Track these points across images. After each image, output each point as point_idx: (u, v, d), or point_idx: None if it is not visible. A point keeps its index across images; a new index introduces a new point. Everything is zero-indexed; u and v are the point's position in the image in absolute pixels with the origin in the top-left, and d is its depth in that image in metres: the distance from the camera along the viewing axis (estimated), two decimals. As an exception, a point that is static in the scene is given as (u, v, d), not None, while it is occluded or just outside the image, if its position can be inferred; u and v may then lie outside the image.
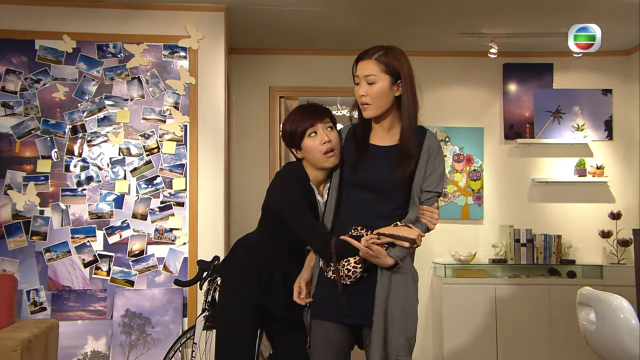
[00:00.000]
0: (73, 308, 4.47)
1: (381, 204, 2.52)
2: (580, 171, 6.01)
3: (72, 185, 4.57)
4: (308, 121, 2.62)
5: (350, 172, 2.57)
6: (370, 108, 2.53)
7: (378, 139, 2.60)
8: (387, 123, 2.58)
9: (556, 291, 5.65)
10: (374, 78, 2.51)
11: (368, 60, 2.54)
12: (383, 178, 2.52)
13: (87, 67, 4.64)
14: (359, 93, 2.53)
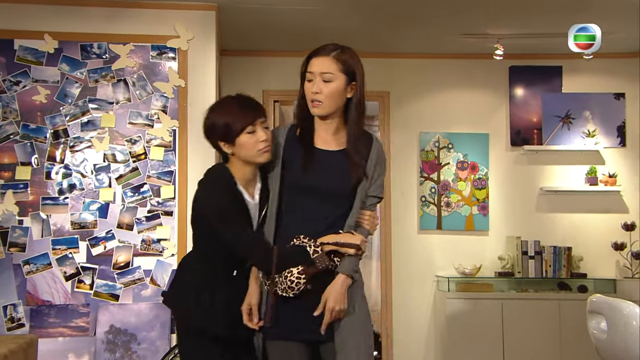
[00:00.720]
0: (53, 324, 4.43)
1: (331, 211, 2.55)
2: (592, 180, 6.00)
3: (54, 194, 4.53)
4: (248, 117, 2.59)
5: (297, 175, 2.56)
6: (322, 106, 2.53)
7: (322, 143, 2.60)
8: (334, 125, 2.60)
9: (567, 307, 5.62)
10: (331, 76, 2.52)
11: (326, 57, 2.54)
12: (336, 184, 2.54)
13: (69, 69, 4.62)
14: (312, 90, 2.51)
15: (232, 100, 2.68)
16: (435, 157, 6.12)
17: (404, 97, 6.17)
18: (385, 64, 6.12)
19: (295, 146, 2.60)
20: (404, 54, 6.13)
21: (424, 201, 6.08)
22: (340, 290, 2.49)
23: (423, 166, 6.11)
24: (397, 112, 6.15)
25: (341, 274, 2.50)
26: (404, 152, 6.14)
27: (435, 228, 6.09)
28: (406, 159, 6.12)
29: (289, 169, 2.58)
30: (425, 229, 6.08)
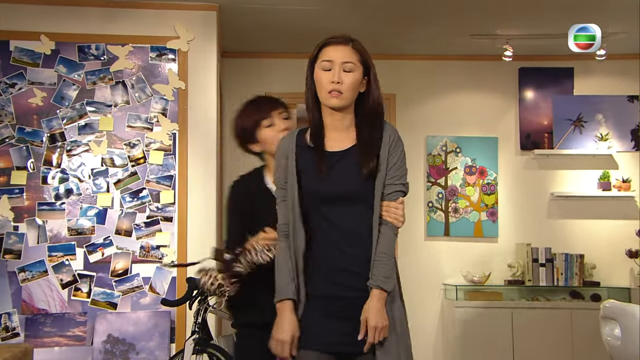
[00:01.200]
0: (49, 333, 4.42)
1: (360, 212, 2.44)
2: (605, 185, 5.99)
3: (50, 199, 4.54)
4: (263, 111, 2.65)
5: (315, 184, 2.44)
6: (342, 97, 2.41)
7: (333, 142, 2.48)
8: (347, 121, 2.48)
9: (579, 316, 5.61)
10: (352, 66, 2.43)
11: (346, 46, 2.45)
12: (353, 186, 2.43)
13: (66, 70, 4.63)
14: (333, 79, 2.39)
15: (247, 102, 2.77)
16: (443, 161, 6.11)
17: (410, 100, 6.17)
18: (391, 65, 6.12)
19: (306, 153, 2.48)
20: (410, 55, 6.14)
21: (431, 207, 6.07)
22: (377, 306, 2.36)
23: (430, 171, 6.11)
24: (403, 115, 6.15)
25: (373, 289, 2.38)
26: (410, 156, 6.00)
27: (443, 234, 6.08)
28: (412, 164, 6.09)
29: (305, 178, 2.46)
30: (433, 235, 6.08)
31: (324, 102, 2.45)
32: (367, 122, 2.47)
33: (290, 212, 2.46)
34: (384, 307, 2.38)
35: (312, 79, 2.47)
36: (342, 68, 2.41)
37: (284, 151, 2.50)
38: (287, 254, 2.45)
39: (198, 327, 3.53)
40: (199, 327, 3.53)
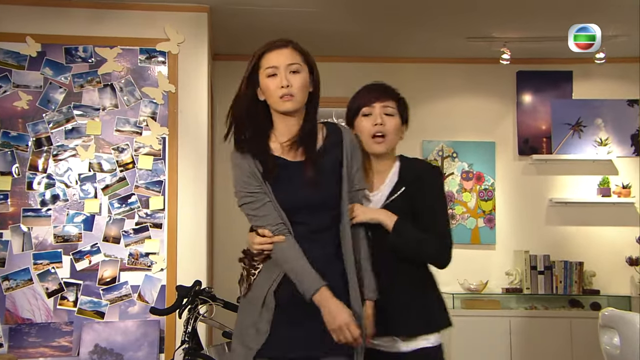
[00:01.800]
0: (34, 344, 4.39)
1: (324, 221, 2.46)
2: (604, 191, 6.00)
3: (36, 205, 4.51)
4: (366, 98, 2.63)
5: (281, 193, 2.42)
6: (295, 100, 2.42)
7: (287, 149, 2.46)
8: (299, 124, 2.47)
9: (578, 325, 5.60)
10: (298, 67, 2.43)
11: (285, 48, 2.46)
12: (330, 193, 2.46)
13: (53, 73, 4.61)
14: (281, 84, 2.39)
15: (366, 85, 2.79)
16: (439, 166, 6.11)
17: (405, 104, 6.15)
18: (386, 68, 6.11)
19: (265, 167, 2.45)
20: (406, 58, 6.14)
21: (427, 213, 6.05)
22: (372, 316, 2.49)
23: (426, 176, 6.09)
24: (398, 119, 6.13)
25: (367, 302, 2.48)
26: (406, 161, 6.11)
27: (439, 242, 6.06)
28: (408, 169, 6.09)
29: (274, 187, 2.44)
30: (429, 242, 6.06)
31: (277, 109, 2.44)
32: (315, 125, 2.50)
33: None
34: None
35: (252, 89, 2.46)
36: (287, 70, 2.42)
37: (244, 162, 2.44)
38: (296, 247, 2.39)
39: (188, 336, 3.51)
40: (188, 337, 3.50)
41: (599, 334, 3.81)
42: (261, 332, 2.38)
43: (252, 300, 2.44)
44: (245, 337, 2.41)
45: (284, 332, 2.36)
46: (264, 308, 2.39)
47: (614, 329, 3.63)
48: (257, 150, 2.44)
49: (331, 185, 2.45)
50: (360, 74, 6.09)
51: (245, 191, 2.43)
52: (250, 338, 2.39)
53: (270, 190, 2.41)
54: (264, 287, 2.42)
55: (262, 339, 2.37)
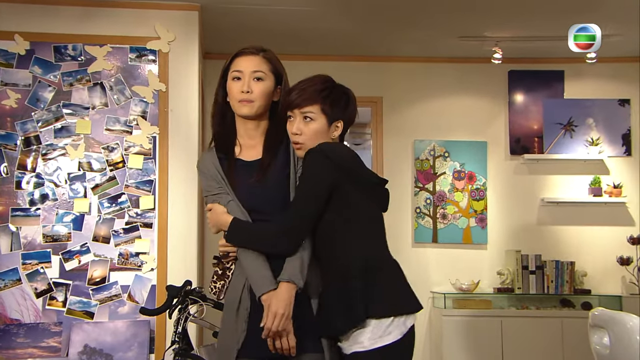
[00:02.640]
0: (22, 345, 4.38)
1: None
2: (596, 190, 6.03)
3: (24, 205, 4.50)
4: (287, 102, 2.58)
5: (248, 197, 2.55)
6: (253, 105, 2.56)
7: (247, 151, 2.62)
8: (261, 129, 2.63)
9: (570, 325, 5.63)
10: (262, 75, 2.57)
11: (255, 56, 2.61)
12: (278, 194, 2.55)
13: (42, 72, 4.60)
14: (242, 88, 2.54)
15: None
16: (431, 166, 6.13)
17: (397, 103, 6.17)
18: (378, 67, 6.13)
19: (224, 163, 2.61)
20: (398, 57, 6.15)
21: (418, 213, 6.08)
22: (284, 295, 2.43)
23: (418, 176, 6.12)
24: (390, 118, 6.16)
25: (282, 283, 2.44)
26: (398, 161, 6.15)
27: (431, 241, 6.09)
28: (400, 169, 6.12)
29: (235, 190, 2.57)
30: (420, 242, 6.08)
31: (236, 111, 2.59)
32: (279, 131, 2.59)
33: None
34: (290, 299, 2.44)
35: (223, 88, 2.62)
36: (251, 77, 2.55)
37: (209, 164, 2.61)
38: None
39: (178, 336, 3.49)
40: (179, 337, 3.49)
41: (588, 333, 3.84)
42: (239, 331, 2.47)
43: (230, 301, 2.55)
44: (226, 338, 2.52)
45: (260, 331, 2.42)
46: (240, 308, 2.50)
47: (604, 329, 3.65)
48: (221, 148, 2.62)
49: (279, 187, 2.55)
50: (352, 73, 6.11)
51: (210, 193, 2.60)
52: (231, 338, 2.49)
53: (231, 190, 2.55)
54: (238, 287, 2.53)
55: (240, 338, 2.46)
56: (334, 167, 2.43)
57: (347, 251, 2.45)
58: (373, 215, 2.56)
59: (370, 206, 2.54)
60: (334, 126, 2.55)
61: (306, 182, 2.47)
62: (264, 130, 2.63)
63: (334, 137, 2.56)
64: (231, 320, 2.51)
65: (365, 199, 2.51)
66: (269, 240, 2.48)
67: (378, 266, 2.47)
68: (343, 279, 2.43)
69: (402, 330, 2.41)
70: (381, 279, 2.44)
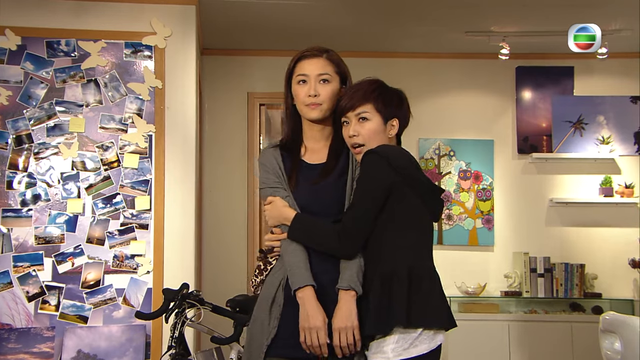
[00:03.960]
0: (13, 350, 4.37)
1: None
2: (606, 190, 6.01)
3: (16, 205, 4.49)
4: (341, 106, 2.62)
5: (306, 198, 2.62)
6: (321, 108, 2.63)
7: (312, 154, 2.70)
8: (327, 132, 2.70)
9: (580, 329, 5.63)
10: (329, 77, 2.64)
11: (319, 58, 2.65)
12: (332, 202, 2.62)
13: (34, 68, 4.58)
14: (309, 93, 2.61)
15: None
16: (436, 165, 6.11)
17: (401, 101, 6.15)
18: (380, 64, 6.11)
19: (287, 163, 2.69)
20: (402, 53, 6.14)
21: (423, 214, 6.06)
22: (344, 308, 2.45)
23: (422, 176, 6.10)
24: (394, 116, 6.13)
25: (341, 291, 2.47)
26: (402, 160, 6.12)
27: (436, 243, 6.06)
28: (404, 168, 6.08)
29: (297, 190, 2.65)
30: (425, 244, 6.06)
31: (304, 115, 2.67)
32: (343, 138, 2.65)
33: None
34: (353, 308, 2.46)
35: (290, 92, 2.69)
36: (317, 80, 2.62)
37: (271, 158, 2.69)
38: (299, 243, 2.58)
39: (175, 341, 3.50)
40: (175, 342, 3.49)
41: (599, 338, 3.82)
42: (270, 327, 2.53)
43: (264, 296, 2.60)
44: (256, 332, 2.57)
45: (292, 329, 2.48)
46: (273, 304, 2.55)
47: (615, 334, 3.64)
48: (288, 148, 2.70)
49: (338, 188, 2.61)
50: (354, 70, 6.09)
51: (266, 186, 2.67)
52: (261, 333, 2.54)
53: (288, 189, 2.63)
54: (275, 283, 2.59)
55: (271, 334, 2.51)
56: (392, 170, 2.46)
57: (393, 256, 2.46)
58: (424, 223, 2.57)
59: (423, 213, 2.55)
60: (390, 125, 2.62)
61: (363, 184, 2.50)
62: (329, 134, 2.70)
63: (390, 135, 2.62)
64: (263, 316, 2.56)
65: (419, 205, 2.52)
66: (330, 241, 2.51)
67: (419, 275, 2.46)
68: (383, 284, 2.43)
69: (430, 346, 2.41)
70: (418, 290, 2.43)
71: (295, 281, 2.49)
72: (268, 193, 2.66)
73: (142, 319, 3.73)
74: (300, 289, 2.47)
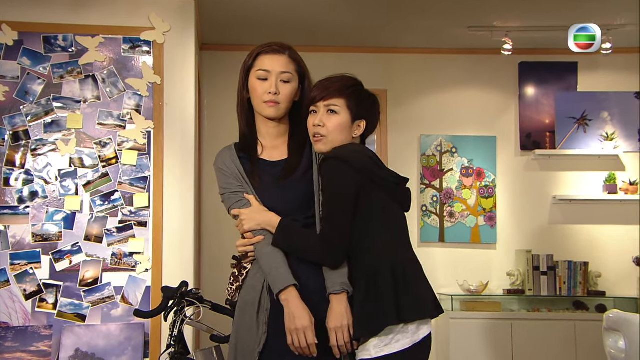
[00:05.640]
0: (10, 349, 4.37)
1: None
2: (610, 187, 6.02)
3: (13, 202, 4.50)
4: (313, 95, 2.60)
5: (272, 198, 2.60)
6: (278, 108, 2.59)
7: (268, 152, 2.66)
8: (282, 129, 2.67)
9: (583, 328, 5.64)
10: (290, 76, 2.60)
11: (282, 55, 2.63)
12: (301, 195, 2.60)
13: (31, 63, 4.59)
14: (270, 90, 2.56)
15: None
16: (437, 162, 6.12)
17: (402, 96, 6.17)
18: (382, 59, 6.12)
19: (245, 162, 2.65)
20: (403, 48, 6.15)
21: (424, 211, 6.08)
22: (337, 309, 2.45)
23: (424, 172, 6.12)
24: (395, 112, 6.15)
25: (331, 296, 2.47)
26: (403, 156, 6.14)
27: (438, 241, 6.09)
28: (405, 165, 6.11)
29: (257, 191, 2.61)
30: (426, 241, 6.08)
31: (259, 112, 2.62)
32: (302, 131, 2.63)
33: None
34: (346, 308, 2.46)
35: (245, 86, 2.64)
36: (279, 78, 2.57)
37: (228, 161, 2.64)
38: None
39: (174, 340, 3.50)
40: (174, 341, 3.50)
41: (603, 337, 3.84)
42: (259, 333, 2.50)
43: (248, 301, 2.56)
44: (245, 339, 2.53)
45: (282, 333, 2.46)
46: (260, 309, 2.52)
47: (619, 332, 3.66)
48: (244, 147, 2.65)
49: (305, 183, 2.59)
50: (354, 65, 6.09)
51: (228, 191, 2.62)
52: (251, 340, 2.51)
53: (253, 191, 2.59)
54: (257, 287, 2.56)
55: (262, 340, 2.49)
56: (355, 172, 2.45)
57: (373, 255, 2.48)
58: (397, 216, 2.58)
59: (393, 207, 2.56)
60: (357, 125, 2.58)
61: (332, 192, 2.49)
62: (285, 130, 2.67)
63: (354, 135, 2.59)
64: (250, 322, 2.53)
65: (388, 200, 2.53)
66: (317, 251, 2.49)
67: (402, 270, 2.49)
68: (368, 284, 2.45)
69: (412, 339, 2.42)
70: (403, 284, 2.46)
71: (277, 284, 2.46)
72: (232, 199, 2.62)
73: (141, 317, 3.74)
74: (282, 291, 2.45)
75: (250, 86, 2.62)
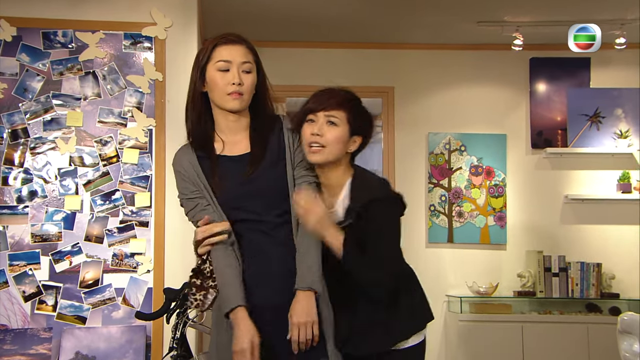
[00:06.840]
0: (9, 352, 4.38)
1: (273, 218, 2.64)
2: (624, 186, 6.01)
3: (11, 202, 4.50)
4: (313, 104, 2.61)
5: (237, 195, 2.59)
6: (242, 99, 2.57)
7: (230, 146, 2.64)
8: (244, 123, 2.64)
9: (596, 331, 5.64)
10: (251, 66, 2.60)
11: (240, 45, 2.62)
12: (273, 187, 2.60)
13: (30, 60, 4.59)
14: (234, 80, 2.54)
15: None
16: (446, 161, 6.12)
17: (410, 94, 6.17)
18: (389, 55, 6.12)
19: (204, 161, 2.63)
20: (410, 44, 6.15)
21: (433, 211, 6.07)
22: (303, 303, 2.49)
23: (432, 171, 6.11)
24: (402, 110, 6.15)
25: (299, 292, 2.51)
26: (411, 155, 6.14)
27: (446, 241, 6.08)
28: (413, 163, 6.11)
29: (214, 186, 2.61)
30: (435, 242, 6.08)
31: (221, 105, 2.59)
32: (266, 122, 2.63)
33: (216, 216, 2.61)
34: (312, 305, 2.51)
35: (201, 78, 2.61)
36: (240, 68, 2.57)
37: (186, 163, 2.63)
38: (228, 258, 2.57)
39: (176, 343, 3.52)
40: (177, 343, 3.51)
41: (617, 340, 3.83)
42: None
43: (217, 321, 2.62)
44: (224, 357, 2.57)
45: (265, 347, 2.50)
46: (229, 324, 2.55)
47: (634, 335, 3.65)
48: (200, 145, 2.63)
49: (275, 176, 2.59)
50: (361, 62, 6.11)
51: (185, 197, 2.66)
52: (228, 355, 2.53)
53: (211, 191, 2.59)
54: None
55: None
56: (403, 208, 2.64)
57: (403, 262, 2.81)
58: None
59: None
60: (352, 140, 2.61)
61: (391, 236, 2.63)
62: (246, 124, 2.65)
63: (349, 150, 2.62)
64: (226, 338, 2.55)
65: None
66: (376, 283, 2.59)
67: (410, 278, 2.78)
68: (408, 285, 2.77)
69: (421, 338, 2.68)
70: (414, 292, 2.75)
71: (225, 304, 2.51)
72: (188, 206, 2.64)
73: (143, 319, 3.75)
74: (231, 312, 2.49)
75: (209, 79, 2.59)
